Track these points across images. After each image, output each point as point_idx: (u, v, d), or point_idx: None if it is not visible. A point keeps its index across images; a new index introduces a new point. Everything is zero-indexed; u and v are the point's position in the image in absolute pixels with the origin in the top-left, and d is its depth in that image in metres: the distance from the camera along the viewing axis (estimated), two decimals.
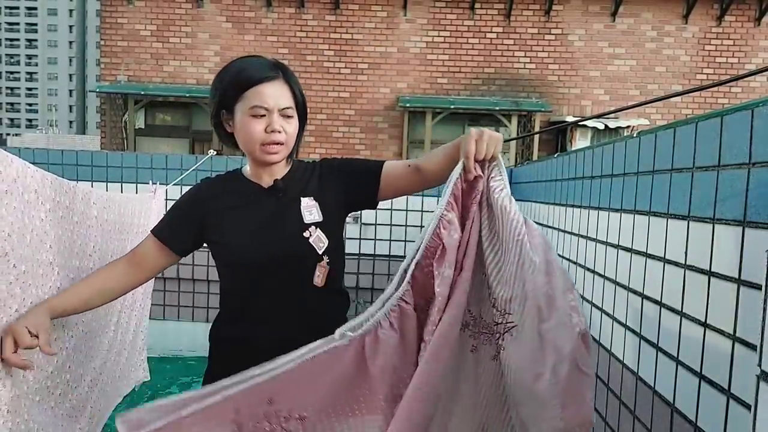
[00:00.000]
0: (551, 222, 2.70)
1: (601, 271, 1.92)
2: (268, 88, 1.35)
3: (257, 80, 1.34)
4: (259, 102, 1.34)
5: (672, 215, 1.38)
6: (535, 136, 8.47)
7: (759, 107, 1.06)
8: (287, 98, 1.37)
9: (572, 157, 2.35)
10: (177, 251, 1.46)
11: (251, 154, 1.40)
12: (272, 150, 1.37)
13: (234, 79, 1.37)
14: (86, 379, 1.72)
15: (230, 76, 1.38)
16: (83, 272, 1.60)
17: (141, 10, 8.91)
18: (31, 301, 1.28)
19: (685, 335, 1.30)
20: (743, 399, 1.05)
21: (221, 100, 1.39)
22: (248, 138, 1.37)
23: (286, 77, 1.39)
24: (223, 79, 1.39)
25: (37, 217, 1.31)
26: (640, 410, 1.53)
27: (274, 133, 1.35)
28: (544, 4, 8.78)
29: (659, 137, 1.49)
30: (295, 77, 1.43)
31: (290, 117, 1.38)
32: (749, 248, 1.06)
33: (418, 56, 8.89)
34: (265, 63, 1.39)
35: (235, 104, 1.37)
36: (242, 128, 1.37)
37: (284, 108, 1.36)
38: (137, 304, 2.44)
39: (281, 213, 1.41)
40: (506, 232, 1.16)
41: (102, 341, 1.90)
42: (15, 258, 1.21)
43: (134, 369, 2.48)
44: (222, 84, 1.39)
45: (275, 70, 1.38)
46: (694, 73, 8.77)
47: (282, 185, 1.43)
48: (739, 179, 1.10)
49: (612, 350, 1.77)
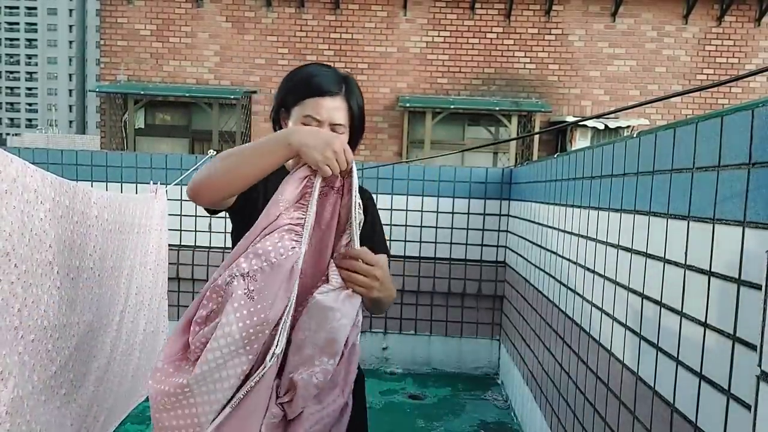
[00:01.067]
0: (551, 222, 2.70)
1: (601, 271, 1.92)
2: (327, 101, 1.40)
3: (318, 92, 1.39)
4: (314, 113, 1.39)
5: (672, 215, 1.38)
6: (535, 136, 8.47)
7: (759, 107, 1.06)
8: (342, 115, 1.42)
9: (572, 157, 2.35)
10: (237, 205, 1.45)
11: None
12: None
13: (299, 83, 1.42)
14: (90, 378, 1.72)
15: (297, 80, 1.43)
16: (83, 272, 1.60)
17: (141, 10, 8.90)
18: (32, 300, 1.28)
19: (685, 335, 1.30)
20: (743, 399, 1.05)
21: (283, 100, 1.45)
22: None
23: (347, 94, 1.43)
24: (290, 81, 1.45)
25: (36, 217, 1.31)
26: (640, 410, 1.53)
27: None
28: (544, 4, 8.78)
29: (659, 137, 1.49)
30: (358, 93, 1.47)
31: (340, 134, 1.42)
32: (749, 248, 1.06)
33: (418, 56, 8.89)
34: (333, 76, 1.43)
35: (294, 107, 1.42)
36: None
37: (336, 124, 1.41)
38: (145, 305, 2.43)
39: None
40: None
41: (104, 340, 1.90)
42: (16, 258, 1.22)
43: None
44: (288, 85, 1.45)
45: (339, 85, 1.42)
46: (694, 74, 8.77)
47: None
48: (739, 179, 1.10)
49: (612, 350, 1.77)
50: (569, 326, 2.30)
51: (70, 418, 1.52)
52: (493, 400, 3.73)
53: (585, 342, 2.06)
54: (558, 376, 2.44)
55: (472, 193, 4.04)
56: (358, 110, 1.45)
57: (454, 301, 4.13)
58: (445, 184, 4.04)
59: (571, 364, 2.23)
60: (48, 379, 1.39)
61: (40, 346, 1.34)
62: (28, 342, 1.28)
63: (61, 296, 1.47)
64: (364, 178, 1.64)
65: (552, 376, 2.56)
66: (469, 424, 3.37)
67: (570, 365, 2.26)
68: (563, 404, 2.34)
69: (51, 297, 1.40)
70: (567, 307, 2.35)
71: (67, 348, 1.52)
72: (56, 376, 1.43)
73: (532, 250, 3.14)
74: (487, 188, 4.03)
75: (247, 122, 8.93)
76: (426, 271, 4.09)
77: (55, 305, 1.42)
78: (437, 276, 4.10)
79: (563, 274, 2.44)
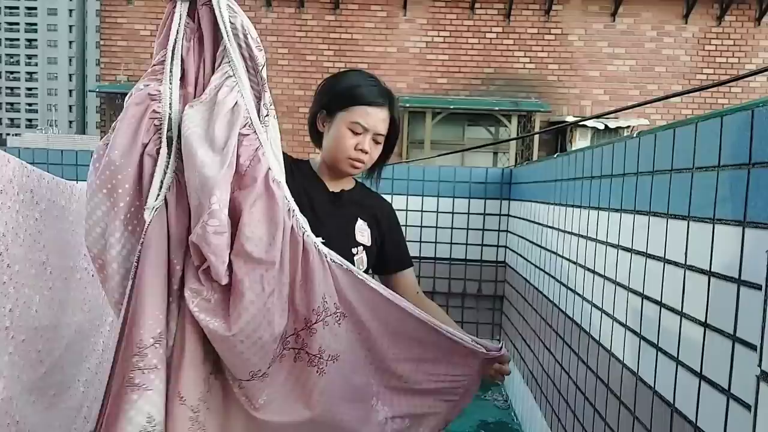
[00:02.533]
0: (551, 222, 2.70)
1: (601, 271, 1.92)
2: (376, 111, 1.42)
3: (369, 102, 1.42)
4: (362, 121, 1.41)
5: (672, 215, 1.38)
6: (535, 136, 8.47)
7: (759, 107, 1.06)
8: (385, 127, 1.45)
9: (572, 157, 2.35)
10: None
11: (333, 160, 1.47)
12: (354, 165, 1.45)
13: (347, 90, 1.44)
14: (80, 379, 1.71)
15: (344, 86, 1.45)
16: (77, 272, 1.59)
17: (140, 10, 8.90)
18: (23, 301, 1.28)
19: (685, 335, 1.30)
20: (743, 399, 1.05)
21: (327, 103, 1.46)
22: (337, 147, 1.43)
23: (391, 108, 1.46)
24: (335, 85, 1.46)
25: (31, 217, 1.31)
26: (640, 410, 1.53)
27: (361, 153, 1.43)
28: (543, 4, 8.78)
29: (659, 137, 1.49)
30: (398, 110, 1.50)
31: (379, 144, 1.46)
32: (749, 248, 1.06)
33: (417, 56, 8.89)
34: (380, 88, 1.46)
35: (338, 111, 1.43)
36: (336, 135, 1.43)
37: (378, 134, 1.44)
38: None
39: (337, 220, 1.46)
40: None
41: (96, 342, 1.90)
42: (9, 257, 1.21)
43: None
44: (333, 89, 1.46)
45: (385, 98, 1.45)
46: (694, 73, 8.76)
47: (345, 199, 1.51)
48: (739, 179, 1.10)
49: (612, 350, 1.77)
50: (569, 326, 2.30)
51: (58, 419, 1.52)
52: (493, 400, 3.73)
53: (585, 342, 2.06)
54: (558, 376, 2.44)
55: (472, 193, 4.03)
56: (396, 125, 1.49)
57: (454, 302, 4.12)
58: (445, 185, 4.04)
59: (572, 364, 2.23)
60: (37, 379, 1.38)
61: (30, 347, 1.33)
62: (19, 342, 1.28)
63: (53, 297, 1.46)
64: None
65: (552, 376, 2.56)
66: (470, 424, 3.37)
67: (570, 365, 2.25)
68: (563, 404, 2.33)
69: (42, 297, 1.40)
70: (567, 307, 2.34)
71: (57, 349, 1.52)
72: (45, 377, 1.43)
73: (532, 250, 3.13)
74: (487, 188, 4.03)
75: None
76: (426, 272, 4.08)
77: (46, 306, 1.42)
78: (437, 276, 4.09)
79: (563, 274, 2.43)
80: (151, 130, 1.04)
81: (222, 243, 1.01)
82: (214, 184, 0.98)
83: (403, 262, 1.62)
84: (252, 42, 1.07)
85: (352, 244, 1.45)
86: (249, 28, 1.06)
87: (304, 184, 1.45)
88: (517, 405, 3.43)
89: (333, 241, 1.40)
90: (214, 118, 1.02)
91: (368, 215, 1.53)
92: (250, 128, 1.05)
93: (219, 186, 0.99)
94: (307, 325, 1.16)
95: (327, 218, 1.43)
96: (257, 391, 1.15)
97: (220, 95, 1.03)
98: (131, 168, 1.03)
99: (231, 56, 1.04)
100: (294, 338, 1.16)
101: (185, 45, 1.07)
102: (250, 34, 1.06)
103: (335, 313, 1.18)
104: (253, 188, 1.04)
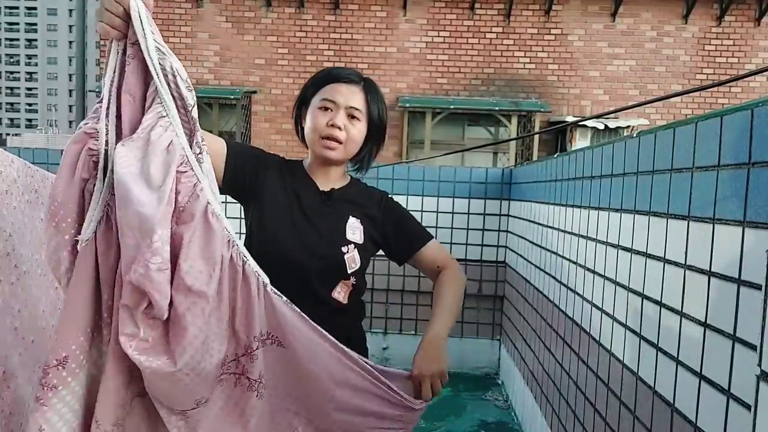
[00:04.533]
0: (551, 222, 2.70)
1: (601, 271, 1.92)
2: (344, 87, 1.40)
3: (335, 79, 1.40)
4: (330, 96, 1.39)
5: (672, 215, 1.38)
6: (535, 136, 8.47)
7: (759, 107, 1.06)
8: (359, 100, 1.41)
9: (572, 157, 2.35)
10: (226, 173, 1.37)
11: (311, 146, 1.44)
12: (329, 145, 1.40)
13: (318, 78, 1.44)
14: None
15: (317, 76, 1.45)
16: None
17: None
18: (32, 302, 1.28)
19: (685, 335, 1.30)
20: (743, 399, 1.05)
21: (303, 96, 1.46)
22: (310, 128, 1.41)
23: (366, 87, 1.43)
24: (311, 79, 1.47)
25: (37, 217, 1.31)
26: (640, 410, 1.53)
27: (333, 128, 1.38)
28: (543, 4, 8.78)
29: (659, 137, 1.49)
30: (378, 93, 1.46)
31: (356, 119, 1.41)
32: (749, 248, 1.06)
33: (417, 56, 8.89)
34: (353, 71, 1.45)
35: (311, 99, 1.43)
36: (309, 120, 1.42)
37: (352, 107, 1.40)
38: None
39: (327, 219, 1.43)
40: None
41: None
42: (16, 258, 1.22)
43: None
44: (308, 83, 1.46)
45: (358, 77, 1.43)
46: (693, 73, 8.77)
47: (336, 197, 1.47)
48: (739, 179, 1.10)
49: (612, 350, 1.77)
50: (569, 326, 2.30)
51: None
52: (493, 400, 3.73)
53: (585, 342, 2.06)
54: (558, 376, 2.45)
55: (472, 193, 4.04)
56: (376, 107, 1.44)
57: None
58: (445, 185, 4.04)
59: (572, 364, 2.23)
60: None
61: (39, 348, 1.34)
62: (29, 343, 1.28)
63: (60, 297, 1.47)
64: (365, 178, 1.64)
65: (552, 376, 2.56)
66: (470, 424, 3.37)
67: (570, 365, 2.26)
68: (564, 404, 2.34)
69: (49, 298, 1.40)
70: (567, 307, 2.35)
71: None
72: None
73: (533, 250, 3.14)
74: (487, 188, 4.03)
75: (247, 122, 8.93)
76: None
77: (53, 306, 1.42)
78: None
79: (563, 274, 2.44)
80: (90, 166, 1.08)
81: (164, 279, 1.03)
82: (154, 222, 1.00)
83: (413, 244, 1.54)
84: (181, 83, 1.08)
85: (342, 243, 1.41)
86: (178, 69, 1.08)
87: (294, 185, 1.44)
88: (517, 405, 3.43)
89: (323, 240, 1.39)
90: (149, 158, 1.04)
91: (361, 213, 1.48)
92: (186, 165, 1.08)
93: (160, 224, 1.01)
94: (247, 351, 1.18)
95: (316, 217, 1.42)
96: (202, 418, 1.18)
97: (154, 135, 1.05)
98: (72, 203, 1.07)
99: (163, 97, 1.06)
100: (235, 363, 1.18)
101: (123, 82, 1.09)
102: (180, 75, 1.08)
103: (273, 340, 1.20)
104: (192, 223, 1.07)
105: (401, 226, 1.54)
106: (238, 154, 1.39)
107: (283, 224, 1.39)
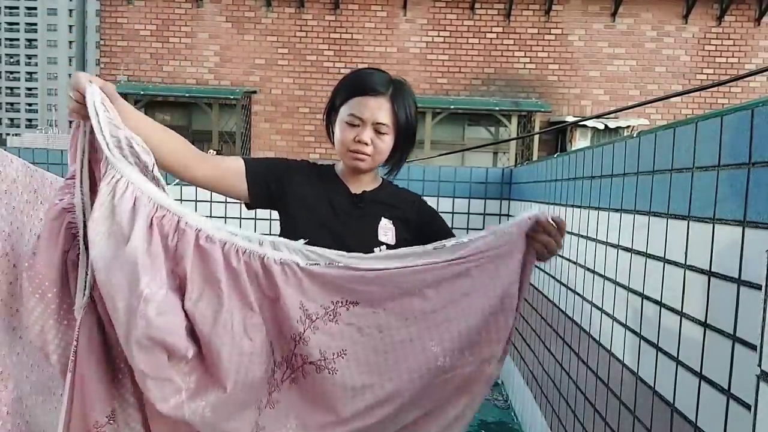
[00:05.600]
0: None
1: (601, 271, 1.92)
2: (370, 101, 1.40)
3: (362, 91, 1.41)
4: (357, 112, 1.40)
5: (672, 215, 1.38)
6: (535, 136, 8.47)
7: (759, 107, 1.06)
8: (385, 115, 1.41)
9: (572, 157, 2.35)
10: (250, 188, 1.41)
11: (341, 156, 1.46)
12: (357, 157, 1.42)
13: (347, 84, 1.45)
14: None
15: (346, 82, 1.46)
16: None
17: (141, 10, 8.90)
18: None
19: (685, 335, 1.30)
20: (743, 399, 1.05)
21: (333, 101, 1.47)
22: (339, 141, 1.44)
23: (393, 95, 1.42)
24: (341, 83, 1.47)
25: (36, 217, 1.31)
26: (640, 410, 1.53)
27: (360, 144, 1.41)
28: (543, 4, 8.78)
29: (659, 137, 1.49)
30: (407, 98, 1.45)
31: (383, 134, 1.42)
32: (749, 248, 1.06)
33: (417, 56, 8.89)
34: (381, 77, 1.44)
35: (341, 106, 1.44)
36: (337, 131, 1.45)
37: (379, 123, 1.41)
38: None
39: (359, 221, 1.45)
40: None
41: None
42: (14, 258, 1.22)
43: None
44: (339, 87, 1.47)
45: (386, 86, 1.42)
46: (694, 73, 8.76)
47: (368, 199, 1.48)
48: (739, 179, 1.10)
49: (612, 350, 1.77)
50: (569, 326, 2.30)
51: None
52: (493, 400, 3.73)
53: (585, 342, 2.06)
54: (558, 376, 2.44)
55: (472, 193, 4.04)
56: (404, 114, 1.44)
57: None
58: (445, 184, 4.04)
59: (572, 364, 2.23)
60: (46, 380, 1.39)
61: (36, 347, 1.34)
62: (26, 342, 1.28)
63: None
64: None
65: (552, 376, 2.56)
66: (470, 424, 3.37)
67: (570, 365, 2.26)
68: (563, 404, 2.34)
69: None
70: (567, 307, 2.35)
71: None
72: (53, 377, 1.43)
73: None
74: (487, 188, 4.03)
75: (247, 122, 8.93)
76: None
77: None
78: None
79: (563, 274, 2.44)
80: (69, 238, 1.12)
81: (170, 320, 1.06)
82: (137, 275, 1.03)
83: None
84: (138, 148, 1.12)
85: (374, 244, 1.43)
86: (132, 138, 1.12)
87: (326, 189, 1.47)
88: (517, 405, 3.43)
89: (355, 242, 1.40)
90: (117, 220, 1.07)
91: (393, 215, 1.50)
92: (162, 209, 1.11)
93: (143, 272, 1.04)
94: (296, 340, 1.18)
95: (349, 220, 1.44)
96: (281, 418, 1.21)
97: (116, 199, 1.08)
98: (54, 275, 1.12)
99: (113, 163, 1.09)
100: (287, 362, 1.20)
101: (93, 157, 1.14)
102: (135, 141, 1.12)
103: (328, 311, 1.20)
104: (187, 257, 1.10)
105: (434, 229, 1.55)
106: (257, 168, 1.43)
107: (312, 225, 1.41)
